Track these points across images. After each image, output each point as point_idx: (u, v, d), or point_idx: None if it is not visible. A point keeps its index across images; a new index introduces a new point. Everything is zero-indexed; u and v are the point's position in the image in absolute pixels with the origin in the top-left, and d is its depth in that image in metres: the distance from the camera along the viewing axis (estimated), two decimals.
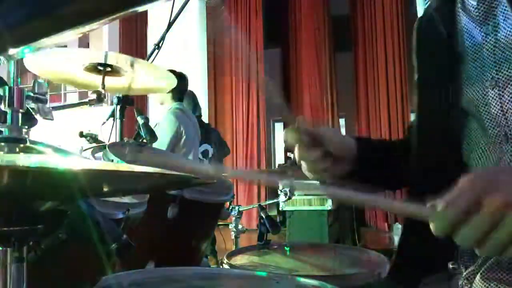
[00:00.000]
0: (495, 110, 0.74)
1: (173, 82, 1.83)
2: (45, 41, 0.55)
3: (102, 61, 1.61)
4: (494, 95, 0.74)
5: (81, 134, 3.03)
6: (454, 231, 0.54)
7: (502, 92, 0.73)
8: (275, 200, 2.38)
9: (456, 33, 0.82)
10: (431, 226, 0.54)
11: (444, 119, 0.83)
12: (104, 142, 3.08)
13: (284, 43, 8.37)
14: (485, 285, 0.73)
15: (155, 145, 1.88)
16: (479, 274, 0.75)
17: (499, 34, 0.74)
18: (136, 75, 1.70)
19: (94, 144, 3.00)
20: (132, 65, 1.68)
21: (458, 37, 0.81)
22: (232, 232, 1.91)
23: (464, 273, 0.78)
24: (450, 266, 0.80)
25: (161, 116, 3.22)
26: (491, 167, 0.74)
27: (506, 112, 0.72)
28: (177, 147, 3.08)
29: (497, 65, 0.74)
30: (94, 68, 1.65)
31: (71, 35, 0.56)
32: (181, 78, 3.15)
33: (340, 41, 7.96)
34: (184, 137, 3.09)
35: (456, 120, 0.81)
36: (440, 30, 0.84)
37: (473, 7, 0.78)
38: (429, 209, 0.54)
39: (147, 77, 1.81)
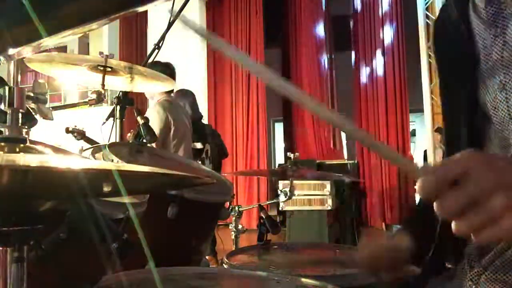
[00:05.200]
0: (502, 113, 0.74)
1: (171, 84, 1.83)
2: (45, 41, 0.55)
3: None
4: (502, 99, 0.73)
5: (67, 130, 3.00)
6: (437, 196, 0.52)
7: (509, 95, 0.72)
8: (275, 200, 2.38)
9: (471, 34, 0.82)
10: (417, 184, 0.53)
11: (467, 121, 0.82)
12: (91, 138, 3.05)
13: (284, 43, 8.38)
14: (490, 287, 0.73)
15: None
16: (484, 275, 0.75)
17: (507, 37, 0.73)
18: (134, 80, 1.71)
19: (82, 141, 2.98)
20: (130, 70, 1.68)
21: (473, 38, 0.81)
22: (232, 232, 1.90)
23: (469, 274, 0.77)
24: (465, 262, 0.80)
25: (149, 109, 3.13)
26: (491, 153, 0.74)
27: None
28: (167, 139, 3.02)
29: (504, 68, 0.73)
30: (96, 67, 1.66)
31: (71, 35, 0.56)
32: (167, 68, 3.02)
33: (340, 41, 7.97)
34: (173, 128, 3.02)
35: (478, 122, 0.80)
36: (456, 32, 0.84)
37: (483, 9, 0.78)
38: (421, 167, 0.54)
39: (145, 81, 1.81)
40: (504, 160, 0.57)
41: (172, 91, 3.23)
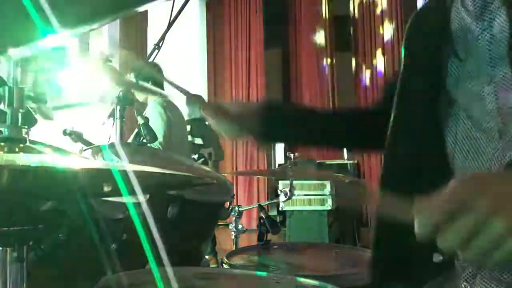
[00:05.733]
0: (490, 106, 0.73)
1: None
2: (45, 41, 0.56)
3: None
4: (490, 91, 0.73)
5: (64, 132, 2.98)
6: (437, 232, 0.53)
7: (497, 88, 0.72)
8: (275, 200, 2.38)
9: (450, 24, 0.81)
10: (415, 224, 0.54)
11: (427, 106, 0.82)
12: (89, 140, 3.05)
13: (284, 44, 8.37)
14: (486, 286, 0.73)
15: None
16: (479, 275, 0.74)
17: (494, 30, 0.73)
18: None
19: (79, 143, 2.97)
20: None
21: (453, 29, 0.81)
22: (232, 232, 1.90)
23: (463, 275, 0.77)
24: (438, 257, 0.79)
25: (149, 110, 3.13)
26: (482, 172, 0.74)
27: (501, 108, 0.72)
28: (171, 137, 3.01)
29: (492, 61, 0.73)
30: None
31: (71, 35, 0.56)
32: (154, 67, 2.95)
33: (340, 41, 7.96)
34: (174, 127, 3.02)
35: (441, 108, 0.81)
36: (433, 21, 0.84)
37: (470, 2, 0.77)
38: (415, 208, 0.54)
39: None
40: (497, 179, 0.58)
41: (162, 87, 3.21)
